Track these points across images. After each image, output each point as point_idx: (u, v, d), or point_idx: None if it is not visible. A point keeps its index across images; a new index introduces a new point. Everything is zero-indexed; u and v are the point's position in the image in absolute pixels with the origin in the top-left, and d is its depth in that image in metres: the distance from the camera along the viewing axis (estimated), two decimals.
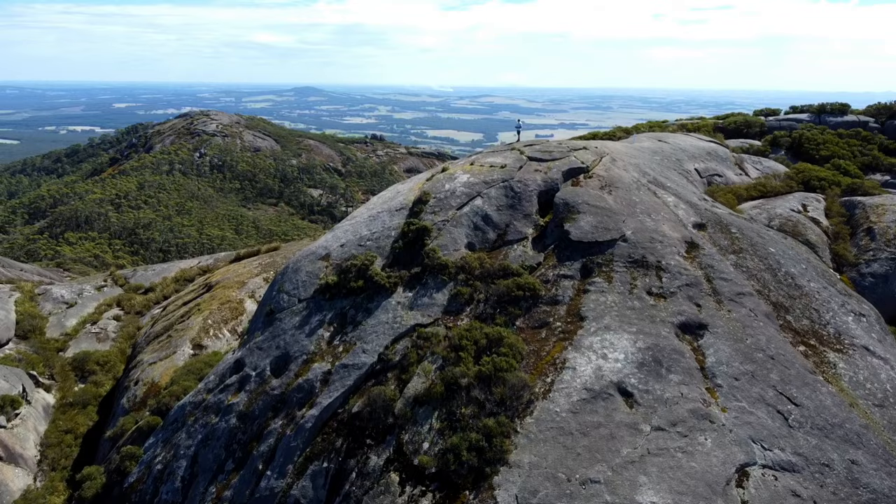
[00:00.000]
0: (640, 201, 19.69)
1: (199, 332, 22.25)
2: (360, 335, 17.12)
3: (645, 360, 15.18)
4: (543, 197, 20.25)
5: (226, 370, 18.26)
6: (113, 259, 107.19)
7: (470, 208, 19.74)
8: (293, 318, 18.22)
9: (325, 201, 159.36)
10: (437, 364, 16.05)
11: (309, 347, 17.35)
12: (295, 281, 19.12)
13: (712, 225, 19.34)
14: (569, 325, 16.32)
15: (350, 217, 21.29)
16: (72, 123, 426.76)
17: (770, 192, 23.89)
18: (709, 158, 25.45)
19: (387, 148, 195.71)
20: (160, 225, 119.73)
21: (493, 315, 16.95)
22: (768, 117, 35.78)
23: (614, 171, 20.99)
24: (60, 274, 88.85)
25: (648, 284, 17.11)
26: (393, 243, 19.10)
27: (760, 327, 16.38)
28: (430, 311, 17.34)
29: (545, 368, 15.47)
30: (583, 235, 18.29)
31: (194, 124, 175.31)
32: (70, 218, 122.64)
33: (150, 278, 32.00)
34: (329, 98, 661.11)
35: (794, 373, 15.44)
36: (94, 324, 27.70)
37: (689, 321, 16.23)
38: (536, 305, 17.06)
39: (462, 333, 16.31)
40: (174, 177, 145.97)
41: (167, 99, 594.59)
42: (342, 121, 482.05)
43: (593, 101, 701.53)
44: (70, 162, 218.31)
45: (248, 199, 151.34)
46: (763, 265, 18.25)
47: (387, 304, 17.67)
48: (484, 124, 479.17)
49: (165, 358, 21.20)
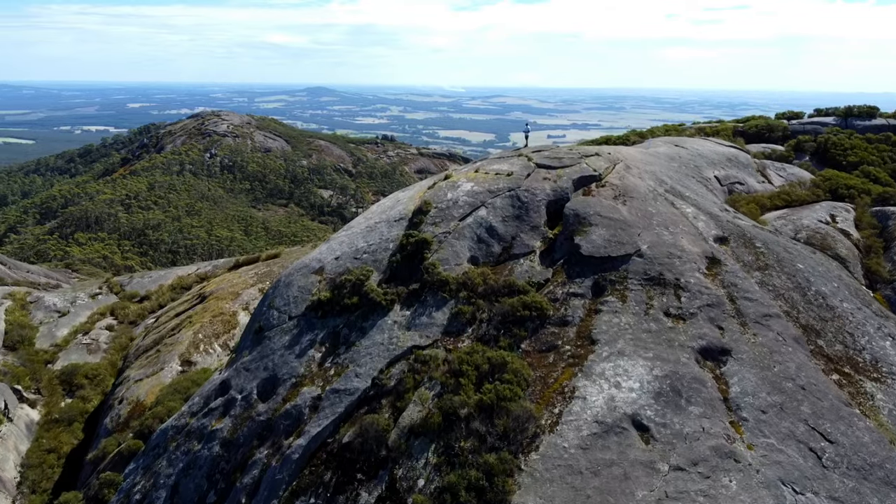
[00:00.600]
0: (657, 212, 18.31)
1: (189, 347, 21.18)
2: (354, 357, 15.90)
3: (662, 390, 13.83)
4: (552, 207, 18.92)
5: (211, 392, 17.12)
6: (122, 260, 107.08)
7: (473, 219, 18.46)
8: (283, 337, 17.04)
9: (335, 202, 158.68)
10: (435, 391, 14.79)
11: (298, 370, 16.16)
12: (286, 296, 17.94)
13: (735, 238, 17.91)
14: (579, 349, 15.00)
15: (347, 227, 20.11)
16: (86, 123, 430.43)
17: (795, 201, 22.40)
18: (729, 165, 23.97)
19: (397, 148, 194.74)
20: (169, 226, 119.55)
21: (496, 337, 15.66)
22: (791, 120, 34.10)
23: (629, 180, 19.61)
24: (68, 275, 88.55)
25: (666, 304, 15.73)
26: (390, 257, 17.87)
27: (789, 353, 14.96)
28: (428, 331, 16.08)
29: (553, 397, 14.17)
30: (594, 250, 16.94)
31: (205, 125, 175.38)
32: (80, 218, 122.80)
33: (146, 286, 31.07)
34: (341, 98, 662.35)
35: (828, 405, 14.01)
36: (86, 334, 26.76)
37: (711, 346, 14.85)
38: (544, 326, 15.75)
39: (462, 357, 15.03)
40: (184, 177, 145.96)
41: (180, 99, 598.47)
42: (354, 121, 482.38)
43: (606, 102, 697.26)
44: (83, 162, 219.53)
45: (258, 199, 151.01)
46: (791, 283, 16.80)
47: (382, 323, 16.44)
48: (496, 124, 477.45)
49: (152, 375, 20.15)
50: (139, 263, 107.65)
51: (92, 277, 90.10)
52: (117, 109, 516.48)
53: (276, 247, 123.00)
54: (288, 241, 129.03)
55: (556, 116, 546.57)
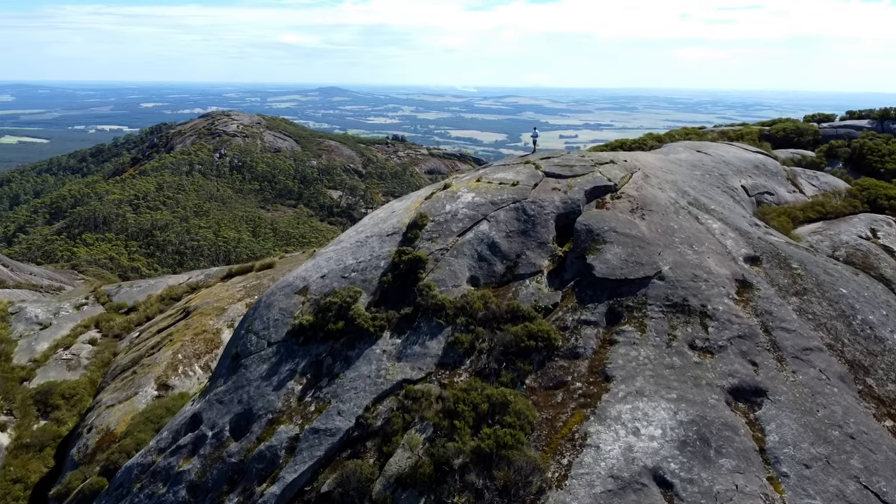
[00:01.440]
0: (680, 228, 16.38)
1: (167, 368, 19.57)
2: (337, 391, 14.14)
3: (688, 439, 11.94)
4: (562, 221, 17.05)
5: (181, 426, 15.43)
6: (128, 261, 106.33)
7: (474, 234, 16.63)
8: (260, 366, 15.31)
9: (344, 203, 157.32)
10: (426, 433, 13.00)
11: (276, 404, 14.42)
12: (266, 319, 16.21)
13: (768, 258, 15.94)
14: (591, 387, 13.13)
15: (336, 241, 18.37)
16: (101, 123, 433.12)
17: (830, 213, 20.37)
18: (757, 173, 21.94)
19: (408, 149, 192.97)
20: (177, 226, 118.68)
21: (497, 371, 13.84)
22: (822, 123, 31.87)
23: (647, 191, 17.70)
24: (73, 276, 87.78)
25: (691, 335, 13.82)
26: (381, 276, 16.09)
27: (834, 394, 13.00)
28: (421, 362, 14.28)
29: (561, 445, 12.32)
30: (609, 271, 15.05)
31: (215, 124, 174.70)
32: (88, 219, 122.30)
33: (134, 296, 29.59)
34: (353, 98, 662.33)
35: (882, 458, 12.04)
36: (67, 348, 25.28)
37: (744, 385, 12.93)
38: (551, 359, 13.90)
39: (459, 395, 13.22)
40: (193, 177, 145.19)
41: (193, 99, 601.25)
42: (366, 121, 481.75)
43: (618, 102, 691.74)
44: (95, 161, 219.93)
45: (267, 200, 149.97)
46: (833, 311, 14.82)
47: (370, 352, 14.66)
48: (508, 125, 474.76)
49: (125, 400, 18.56)
50: (146, 265, 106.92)
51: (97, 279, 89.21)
52: (131, 109, 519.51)
53: (283, 248, 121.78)
54: (296, 242, 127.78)
55: (569, 116, 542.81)
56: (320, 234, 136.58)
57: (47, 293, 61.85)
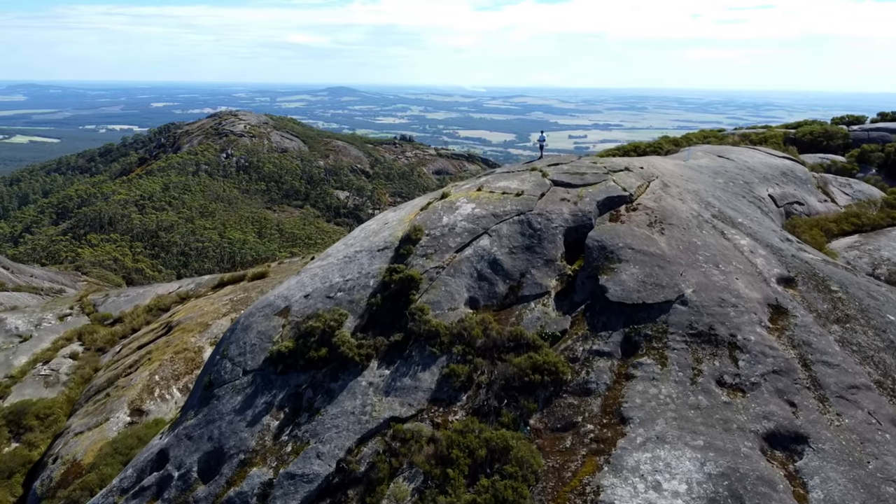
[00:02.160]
0: (704, 245, 14.66)
1: (143, 391, 18.08)
2: (316, 429, 12.54)
3: (718, 496, 10.26)
4: (572, 236, 15.37)
5: (147, 463, 13.90)
6: (132, 263, 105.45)
7: (473, 251, 14.98)
8: (234, 398, 13.74)
9: (351, 203, 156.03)
10: (415, 482, 11.39)
11: (249, 442, 12.85)
12: (242, 344, 14.65)
13: (804, 279, 14.18)
14: (604, 431, 11.46)
15: (323, 255, 16.78)
16: (111, 122, 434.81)
17: (867, 225, 18.57)
18: (785, 181, 20.13)
19: (416, 149, 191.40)
20: (182, 227, 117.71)
21: (497, 409, 12.19)
22: (851, 126, 29.87)
23: (667, 202, 15.97)
24: (76, 278, 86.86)
25: (719, 370, 12.12)
26: (370, 297, 14.47)
27: (887, 442, 11.25)
28: (411, 397, 12.66)
29: (569, 500, 10.66)
30: (625, 294, 13.36)
31: (222, 124, 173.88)
32: (94, 219, 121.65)
33: (121, 306, 28.19)
34: (362, 98, 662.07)
35: None
36: (46, 363, 23.88)
37: (781, 430, 11.21)
38: (559, 395, 12.25)
39: (453, 438, 11.59)
40: (200, 177, 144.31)
41: (203, 98, 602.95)
42: (375, 121, 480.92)
43: (628, 102, 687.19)
44: (103, 161, 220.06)
45: (274, 200, 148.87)
46: (881, 341, 13.05)
47: (355, 385, 13.06)
48: (516, 125, 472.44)
49: (95, 427, 17.10)
50: (150, 266, 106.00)
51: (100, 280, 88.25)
52: (141, 109, 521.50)
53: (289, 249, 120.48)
54: (302, 243, 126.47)
55: (578, 117, 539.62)
56: (326, 235, 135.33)
57: (48, 296, 60.76)
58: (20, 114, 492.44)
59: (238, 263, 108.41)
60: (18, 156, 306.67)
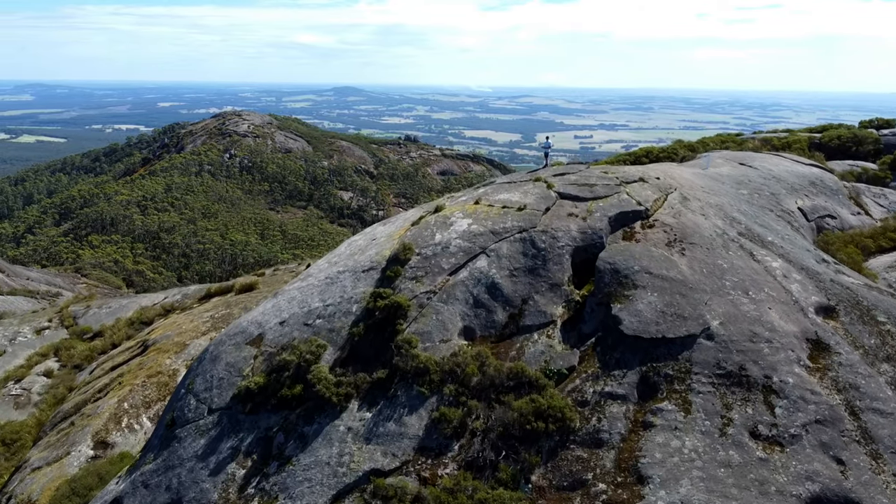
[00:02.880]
0: (731, 268, 12.94)
1: (109, 420, 16.52)
2: (287, 482, 10.91)
3: None
4: (580, 256, 13.68)
5: None
6: (133, 265, 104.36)
7: (469, 273, 13.31)
8: (197, 441, 12.13)
9: (355, 204, 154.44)
10: None
11: (211, 495, 11.23)
12: (209, 377, 13.03)
13: (846, 308, 12.45)
14: (619, 491, 9.78)
15: (304, 276, 15.13)
16: (118, 122, 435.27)
17: None
18: (815, 191, 18.34)
19: (420, 150, 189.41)
20: (184, 229, 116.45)
21: (494, 462, 10.53)
22: (881, 130, 27.93)
23: (688, 217, 14.25)
24: (75, 281, 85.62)
25: (753, 419, 10.42)
26: (352, 326, 12.84)
27: None
28: (396, 446, 11.01)
29: None
30: (642, 327, 11.67)
31: (226, 124, 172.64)
32: (96, 220, 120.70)
33: (102, 318, 26.67)
34: (368, 98, 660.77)
35: None
36: (18, 382, 22.39)
37: (828, 494, 9.52)
38: (566, 447, 10.57)
39: (442, 498, 9.95)
40: (202, 178, 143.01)
41: (210, 98, 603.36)
42: (380, 121, 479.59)
43: (634, 102, 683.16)
44: (108, 161, 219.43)
45: (277, 201, 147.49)
46: None
47: (332, 429, 11.42)
48: (522, 125, 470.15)
49: (55, 461, 15.54)
50: (151, 268, 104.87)
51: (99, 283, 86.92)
52: (148, 108, 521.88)
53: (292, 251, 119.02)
54: (305, 245, 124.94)
55: (584, 117, 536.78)
56: (329, 236, 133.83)
57: (44, 299, 59.39)
58: (27, 113, 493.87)
59: (240, 265, 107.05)
60: (25, 155, 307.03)
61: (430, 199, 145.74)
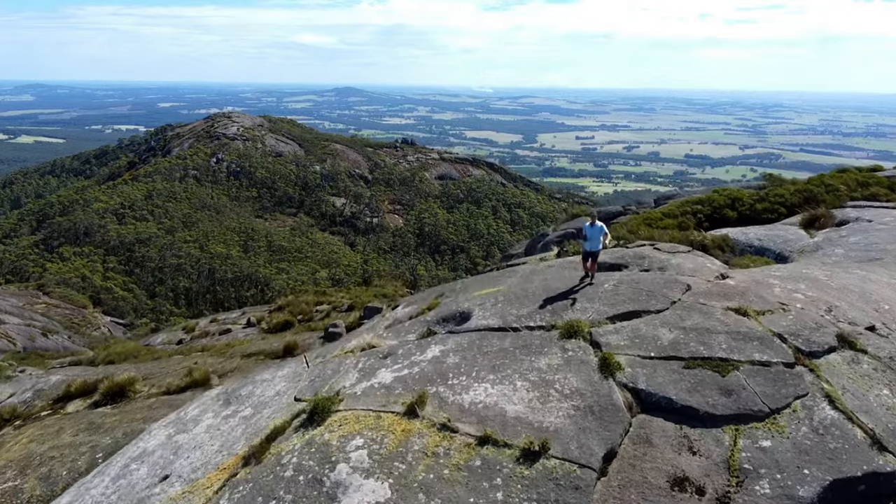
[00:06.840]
0: None
1: None
2: None
3: None
4: None
5: None
6: (101, 281, 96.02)
7: None
8: None
9: (348, 211, 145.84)
10: None
11: None
12: None
13: None
14: None
15: None
16: (118, 123, 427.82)
17: None
18: None
19: (418, 153, 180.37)
20: (161, 240, 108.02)
21: None
22: None
23: None
24: (36, 299, 76.75)
25: None
26: None
27: None
28: None
29: None
30: None
31: (214, 127, 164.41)
32: (69, 229, 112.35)
33: None
34: (369, 98, 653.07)
35: None
36: None
37: None
38: None
39: None
40: (187, 184, 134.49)
41: (210, 98, 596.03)
42: (381, 121, 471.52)
43: (635, 103, 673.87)
44: (98, 163, 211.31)
45: (265, 208, 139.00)
46: None
47: None
48: (523, 125, 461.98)
49: None
50: (121, 284, 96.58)
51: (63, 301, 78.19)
52: (148, 109, 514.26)
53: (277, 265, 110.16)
54: (291, 257, 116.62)
55: (585, 117, 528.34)
56: (318, 247, 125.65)
57: None
58: (28, 114, 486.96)
59: (217, 280, 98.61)
60: (22, 156, 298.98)
61: (426, 205, 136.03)
